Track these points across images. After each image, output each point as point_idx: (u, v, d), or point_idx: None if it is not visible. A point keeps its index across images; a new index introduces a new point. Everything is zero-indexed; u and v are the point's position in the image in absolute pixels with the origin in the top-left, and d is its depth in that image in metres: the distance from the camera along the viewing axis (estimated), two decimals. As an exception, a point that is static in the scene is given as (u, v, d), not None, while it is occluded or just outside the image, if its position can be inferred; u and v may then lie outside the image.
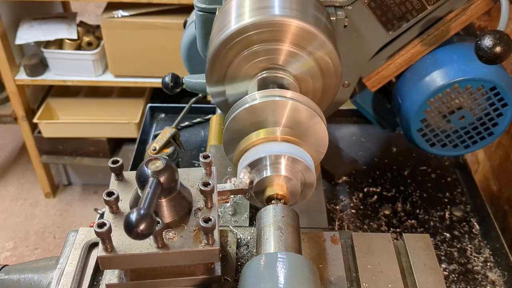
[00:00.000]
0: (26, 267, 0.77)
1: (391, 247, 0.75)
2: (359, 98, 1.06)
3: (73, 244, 0.75)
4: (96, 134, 2.34)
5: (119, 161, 0.68)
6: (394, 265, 0.73)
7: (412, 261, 0.73)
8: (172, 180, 0.62)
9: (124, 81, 2.18)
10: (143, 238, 0.54)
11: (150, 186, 0.59)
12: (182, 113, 1.17)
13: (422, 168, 1.17)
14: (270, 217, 0.65)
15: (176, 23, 1.98)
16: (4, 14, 2.11)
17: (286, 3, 0.74)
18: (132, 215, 0.53)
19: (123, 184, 0.69)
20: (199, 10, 0.89)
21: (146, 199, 0.57)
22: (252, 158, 0.69)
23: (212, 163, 0.70)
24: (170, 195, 0.63)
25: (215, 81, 0.79)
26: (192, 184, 0.69)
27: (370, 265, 0.73)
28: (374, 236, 0.77)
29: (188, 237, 0.63)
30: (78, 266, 0.72)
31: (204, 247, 0.62)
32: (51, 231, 2.47)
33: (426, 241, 0.76)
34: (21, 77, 2.16)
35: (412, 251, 0.75)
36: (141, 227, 0.53)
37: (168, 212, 0.64)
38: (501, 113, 0.89)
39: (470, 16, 0.88)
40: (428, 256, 0.74)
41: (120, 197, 0.66)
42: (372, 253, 0.74)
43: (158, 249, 0.62)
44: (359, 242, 0.76)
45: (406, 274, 0.73)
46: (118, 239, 0.62)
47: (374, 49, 0.91)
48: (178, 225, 0.64)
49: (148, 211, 0.54)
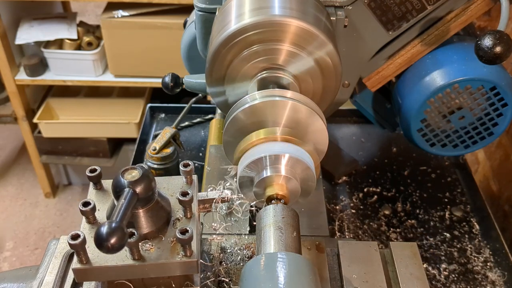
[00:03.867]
0: (6, 276, 0.76)
1: (378, 256, 0.74)
2: (359, 98, 1.06)
3: (54, 253, 0.74)
4: (96, 134, 2.34)
5: (97, 169, 0.67)
6: (380, 275, 0.72)
7: (398, 270, 0.72)
8: (148, 190, 0.60)
9: (124, 81, 2.18)
10: (114, 252, 0.52)
11: (125, 197, 0.57)
12: (182, 113, 1.17)
13: (422, 168, 1.17)
14: (270, 217, 0.65)
15: (176, 23, 1.98)
16: (4, 14, 2.11)
17: (286, 3, 0.74)
18: (102, 228, 0.51)
19: (101, 193, 0.68)
20: (199, 10, 0.89)
21: (119, 211, 0.55)
22: (252, 158, 0.68)
23: (193, 171, 0.69)
24: (147, 205, 0.62)
25: (215, 81, 0.79)
26: (172, 193, 0.68)
27: (355, 275, 0.71)
28: (361, 244, 0.76)
29: (165, 248, 0.62)
30: (57, 275, 0.70)
31: (181, 259, 0.61)
32: (51, 231, 2.47)
33: (413, 249, 0.75)
34: (21, 77, 2.16)
35: (399, 260, 0.74)
36: (112, 240, 0.51)
37: (145, 222, 0.62)
38: (501, 113, 0.89)
39: (470, 16, 0.88)
40: (414, 265, 0.73)
41: (98, 207, 0.65)
42: (358, 262, 0.73)
43: (134, 261, 0.60)
44: (345, 250, 0.75)
45: (392, 284, 0.72)
46: (94, 251, 0.60)
47: (374, 49, 0.91)
48: (155, 236, 0.63)
49: (120, 224, 0.52)
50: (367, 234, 1.00)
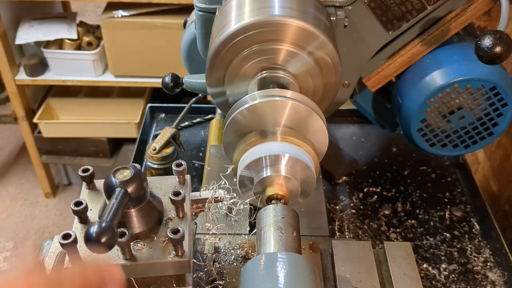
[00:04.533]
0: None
1: (371, 256, 0.74)
2: (359, 98, 1.06)
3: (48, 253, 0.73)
4: (96, 134, 2.34)
5: (89, 169, 0.67)
6: (374, 275, 0.71)
7: (392, 270, 0.72)
8: (140, 189, 0.60)
9: (124, 81, 2.18)
10: (104, 252, 0.52)
11: (116, 196, 0.57)
12: (182, 113, 1.17)
13: (422, 168, 1.17)
14: (270, 217, 0.65)
15: (176, 23, 1.98)
16: (4, 14, 2.11)
17: (286, 3, 0.74)
18: (92, 228, 0.51)
19: (94, 193, 0.68)
20: (199, 10, 0.89)
21: (110, 210, 0.55)
22: (252, 158, 0.69)
23: (186, 171, 0.69)
24: (139, 205, 0.61)
25: (215, 81, 0.79)
26: (165, 193, 0.68)
27: (349, 274, 0.71)
28: (355, 244, 0.76)
29: (157, 248, 0.62)
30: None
31: (172, 259, 0.61)
32: (51, 231, 2.47)
33: (407, 249, 0.75)
34: (21, 77, 2.16)
35: (392, 259, 0.73)
36: (102, 240, 0.50)
37: (137, 222, 0.62)
38: (501, 113, 0.89)
39: (470, 16, 0.88)
40: (408, 265, 0.73)
41: (90, 207, 0.65)
42: (351, 261, 0.73)
43: (125, 260, 0.60)
44: (339, 250, 0.75)
45: (385, 284, 0.72)
46: (86, 250, 0.59)
47: (374, 49, 0.91)
48: (147, 235, 0.63)
49: (110, 223, 0.52)
50: (367, 234, 1.00)
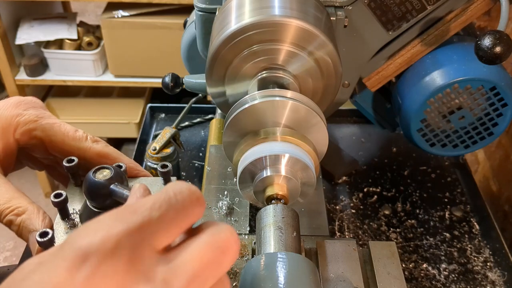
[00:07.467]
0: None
1: (356, 255, 0.74)
2: (359, 98, 1.06)
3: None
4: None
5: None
6: (358, 274, 0.71)
7: (376, 270, 0.72)
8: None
9: (124, 81, 2.18)
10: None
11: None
12: (182, 113, 1.17)
13: (422, 168, 1.17)
14: (270, 217, 0.65)
15: (176, 23, 1.98)
16: (4, 14, 2.11)
17: (286, 3, 0.74)
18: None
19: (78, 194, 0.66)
20: (199, 10, 0.89)
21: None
22: (252, 158, 0.69)
23: (171, 173, 0.68)
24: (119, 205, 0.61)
25: (215, 81, 0.79)
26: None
27: (333, 274, 0.71)
28: (339, 243, 0.76)
29: None
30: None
31: None
32: (51, 231, 2.47)
33: (391, 249, 0.75)
34: (21, 77, 2.16)
35: (377, 259, 0.73)
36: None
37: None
38: (501, 113, 0.89)
39: (470, 16, 0.88)
40: (392, 265, 0.72)
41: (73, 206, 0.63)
42: (336, 261, 0.73)
43: None
44: (323, 250, 0.75)
45: (369, 283, 0.72)
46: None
47: (374, 49, 0.91)
48: None
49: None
50: (367, 234, 1.00)
